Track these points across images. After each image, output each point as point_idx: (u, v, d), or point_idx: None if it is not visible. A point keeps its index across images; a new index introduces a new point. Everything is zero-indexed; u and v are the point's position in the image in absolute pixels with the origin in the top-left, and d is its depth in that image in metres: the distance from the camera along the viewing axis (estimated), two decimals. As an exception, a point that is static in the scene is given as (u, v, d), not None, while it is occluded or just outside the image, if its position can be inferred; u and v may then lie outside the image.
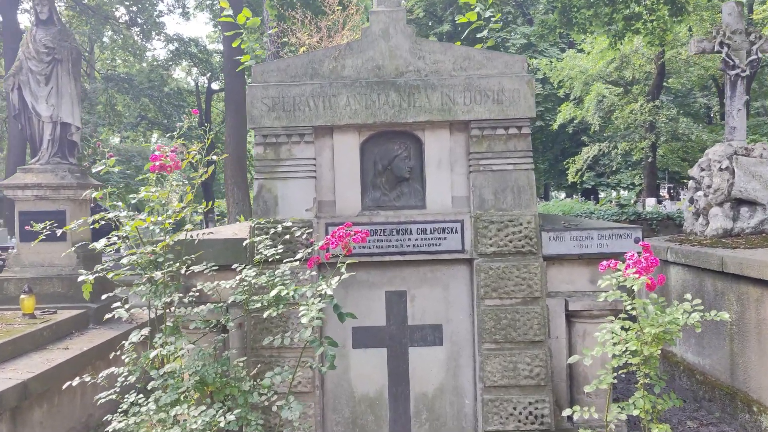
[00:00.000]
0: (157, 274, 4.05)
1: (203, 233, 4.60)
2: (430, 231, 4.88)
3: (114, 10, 30.66)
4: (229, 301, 4.07)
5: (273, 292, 3.87)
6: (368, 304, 5.01)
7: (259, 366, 4.66)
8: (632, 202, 22.08)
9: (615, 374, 3.80)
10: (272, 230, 4.38)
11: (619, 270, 3.71)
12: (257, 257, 4.21)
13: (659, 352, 3.77)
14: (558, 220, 5.24)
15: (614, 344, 3.72)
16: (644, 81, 28.06)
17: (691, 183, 7.61)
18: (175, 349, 3.98)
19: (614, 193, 36.44)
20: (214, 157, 4.56)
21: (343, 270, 3.79)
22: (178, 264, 4.15)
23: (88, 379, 4.02)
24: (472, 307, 4.97)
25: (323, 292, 3.70)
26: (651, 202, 25.52)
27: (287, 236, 4.59)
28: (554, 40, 29.43)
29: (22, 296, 6.60)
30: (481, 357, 4.83)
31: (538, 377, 4.80)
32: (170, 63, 36.21)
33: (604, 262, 3.75)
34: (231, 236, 5.01)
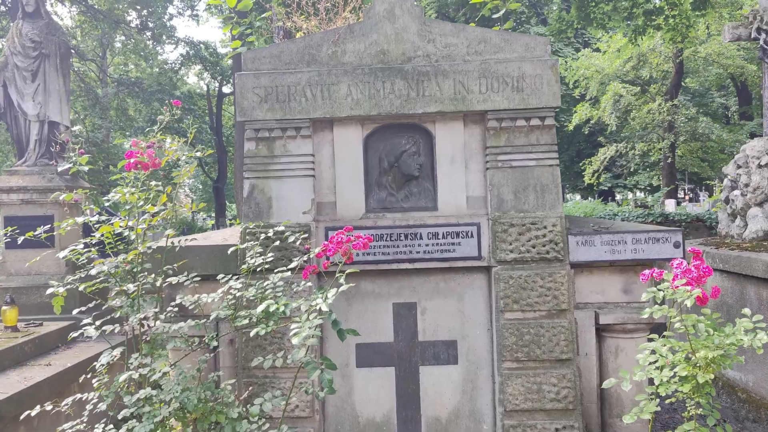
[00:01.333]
0: (130, 287, 3.54)
1: (187, 239, 4.10)
2: (442, 235, 4.34)
3: (127, 15, 30.43)
4: (212, 317, 3.56)
5: (260, 307, 3.34)
6: (374, 317, 4.48)
7: (251, 388, 4.14)
8: (660, 202, 21.36)
9: (659, 401, 3.23)
10: (262, 235, 3.86)
11: (665, 280, 3.15)
12: (244, 267, 3.69)
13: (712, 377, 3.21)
14: (586, 222, 4.69)
15: (658, 368, 3.16)
16: (662, 80, 27.39)
17: (726, 181, 7.01)
18: (151, 371, 3.48)
19: (630, 195, 35.69)
20: (198, 154, 4.06)
21: (341, 281, 3.28)
22: (154, 275, 3.64)
23: (49, 407, 3.51)
24: (491, 321, 4.42)
25: (318, 308, 3.17)
26: (670, 203, 24.78)
27: (279, 242, 4.06)
28: (570, 39, 28.83)
29: (4, 307, 6.13)
30: (501, 377, 4.28)
31: (565, 400, 4.24)
32: (180, 66, 35.94)
33: (646, 272, 3.19)
34: (221, 242, 4.50)
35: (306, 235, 3.91)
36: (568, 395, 4.24)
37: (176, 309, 3.69)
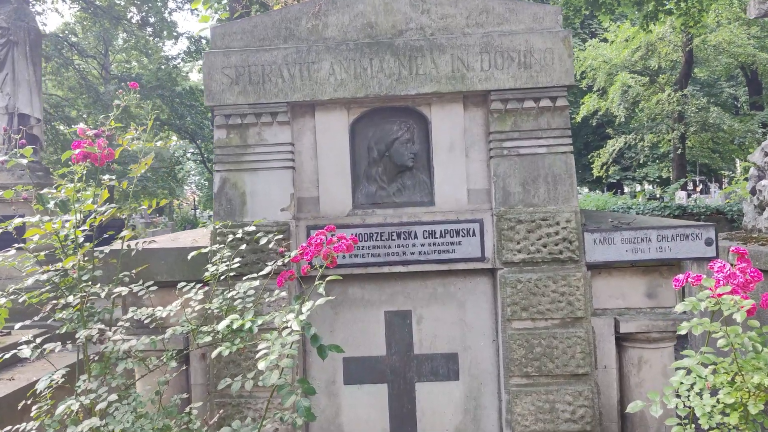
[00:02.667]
0: (71, 298, 3.02)
1: (146, 241, 3.57)
2: (440, 234, 3.81)
3: (129, 13, 29.94)
4: (167, 334, 3.03)
5: (223, 323, 2.82)
6: (363, 327, 3.95)
7: (221, 411, 3.62)
8: (686, 194, 20.73)
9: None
10: (230, 236, 3.33)
11: (704, 287, 2.61)
12: (207, 274, 3.17)
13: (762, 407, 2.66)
14: (603, 217, 4.14)
15: (698, 393, 2.62)
16: (671, 70, 26.75)
17: (752, 171, 6.45)
18: (97, 397, 2.96)
19: (638, 187, 34.99)
20: (159, 143, 3.53)
21: (321, 290, 2.76)
22: (100, 284, 3.12)
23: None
24: (496, 330, 3.89)
25: (290, 325, 2.65)
26: (681, 195, 24.16)
27: (253, 244, 3.53)
28: (576, 29, 28.18)
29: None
30: (509, 395, 3.74)
31: (582, 420, 3.71)
32: (181, 61, 35.45)
33: (680, 277, 2.65)
34: (189, 245, 3.97)
35: (281, 236, 3.38)
36: (585, 415, 3.71)
37: (127, 324, 3.16)
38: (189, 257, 3.34)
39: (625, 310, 3.93)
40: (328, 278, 2.81)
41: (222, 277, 3.14)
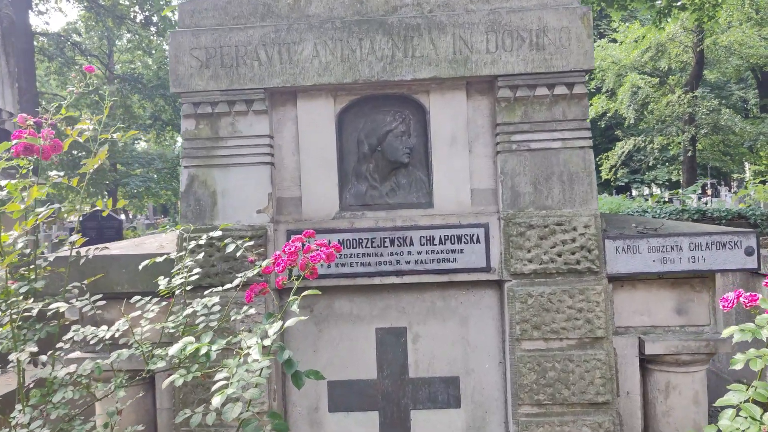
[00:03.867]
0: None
1: (98, 248, 3.10)
2: (439, 240, 3.32)
3: (133, 12, 29.57)
4: (111, 359, 2.55)
5: (175, 348, 2.34)
6: (351, 346, 3.47)
7: (184, 445, 3.14)
8: (697, 197, 20.18)
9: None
10: (192, 243, 2.85)
11: (760, 308, 2.14)
12: (161, 287, 2.69)
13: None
14: (626, 221, 3.64)
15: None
16: (681, 72, 26.24)
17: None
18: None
19: (647, 190, 34.40)
20: (115, 136, 3.06)
21: (295, 307, 2.29)
22: (33, 299, 2.65)
23: None
24: (503, 351, 3.40)
25: (251, 352, 2.19)
26: (693, 197, 23.59)
27: (221, 251, 3.05)
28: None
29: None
30: (518, 426, 3.25)
31: (602, 456, 3.21)
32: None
33: (729, 296, 2.17)
34: (154, 251, 3.50)
35: (258, 241, 2.88)
36: (605, 450, 3.21)
37: (67, 346, 2.68)
38: (140, 267, 2.85)
39: (650, 328, 3.44)
40: (304, 293, 2.34)
41: (190, 288, 2.67)
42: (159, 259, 2.76)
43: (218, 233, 2.78)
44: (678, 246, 3.28)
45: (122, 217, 30.98)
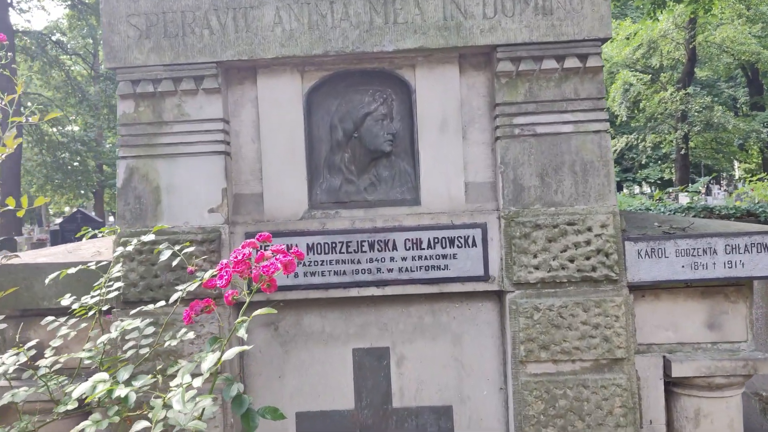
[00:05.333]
0: None
1: (8, 256, 2.55)
2: (428, 244, 2.77)
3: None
4: (4, 400, 1.99)
5: (79, 390, 1.80)
6: (324, 371, 2.91)
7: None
8: (674, 196, 19.75)
9: None
10: (120, 249, 2.29)
11: None
12: (75, 307, 2.13)
13: None
14: (647, 220, 3.11)
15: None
16: (672, 69, 25.95)
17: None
18: None
19: (637, 189, 34.02)
20: (30, 119, 2.50)
21: (242, 332, 1.76)
22: None
23: None
24: (505, 375, 2.86)
25: (171, 403, 1.65)
26: (684, 197, 23.19)
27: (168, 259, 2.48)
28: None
29: None
30: (523, 466, 2.71)
31: (623, 500, 2.68)
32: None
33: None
34: (89, 258, 2.93)
35: (192, 248, 2.32)
36: (627, 493, 2.68)
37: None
38: (47, 281, 2.28)
39: (677, 345, 2.91)
40: (256, 312, 1.81)
41: (123, 303, 2.11)
42: (71, 270, 2.19)
43: (151, 237, 2.22)
44: (712, 249, 2.76)
45: (111, 219, 30.21)
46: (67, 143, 23.09)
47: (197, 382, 1.71)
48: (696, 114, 23.63)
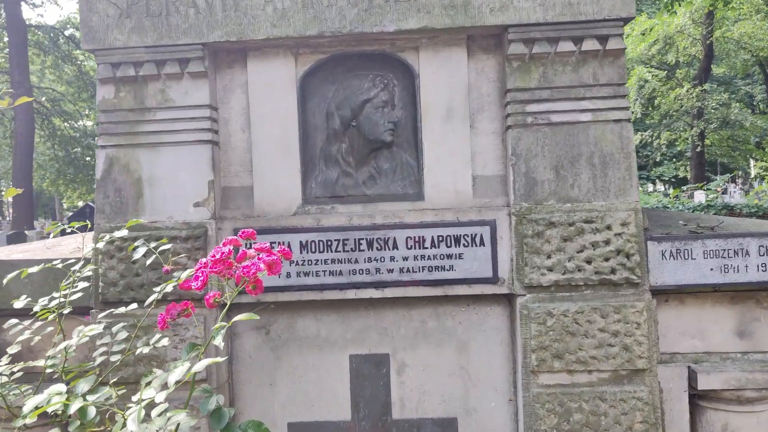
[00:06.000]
0: None
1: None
2: (431, 242, 2.55)
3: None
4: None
5: (30, 405, 1.59)
6: (319, 379, 2.70)
7: None
8: (689, 194, 19.40)
9: None
10: (88, 246, 2.08)
11: None
12: (37, 308, 1.93)
13: None
14: (670, 218, 2.87)
15: None
16: (687, 65, 25.54)
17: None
18: None
19: (651, 187, 33.61)
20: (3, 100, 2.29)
21: (219, 340, 1.56)
22: None
23: None
24: (514, 386, 2.63)
25: (131, 419, 1.44)
26: (700, 195, 22.82)
27: (146, 256, 2.27)
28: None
29: None
30: (533, 485, 2.48)
31: None
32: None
33: None
34: (68, 254, 2.73)
35: (170, 245, 2.11)
36: None
37: None
38: (5, 281, 2.08)
39: (703, 355, 2.67)
40: (236, 318, 1.61)
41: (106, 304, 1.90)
42: (33, 269, 1.99)
43: (124, 233, 2.00)
44: (744, 250, 2.51)
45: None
46: (79, 138, 23.05)
47: (160, 396, 1.51)
48: (713, 111, 23.28)
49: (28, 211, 16.87)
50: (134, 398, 1.51)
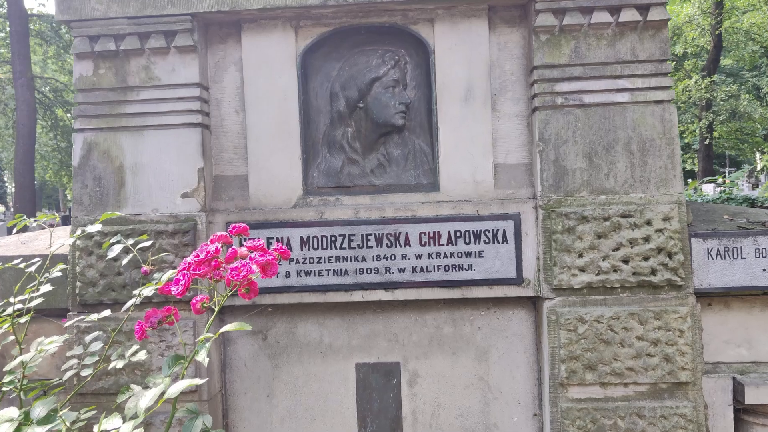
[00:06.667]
0: None
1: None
2: (448, 238, 2.27)
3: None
4: None
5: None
6: (321, 390, 2.43)
7: None
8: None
9: None
10: (58, 243, 1.81)
11: None
12: (2, 314, 1.66)
13: None
14: (714, 212, 2.58)
15: None
16: (695, 57, 25.22)
17: None
18: None
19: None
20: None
21: (202, 355, 1.32)
22: None
23: None
24: (540, 399, 2.35)
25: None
26: (708, 188, 22.51)
27: (128, 255, 2.00)
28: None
29: None
30: None
31: None
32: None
33: None
34: (43, 250, 2.46)
35: (150, 242, 1.83)
36: None
37: None
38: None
39: (751, 365, 2.39)
40: (224, 329, 1.33)
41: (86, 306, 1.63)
42: (7, 264, 1.72)
43: (97, 228, 1.73)
44: (801, 247, 2.23)
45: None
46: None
47: (126, 428, 1.24)
48: (721, 103, 22.98)
49: (31, 203, 16.64)
50: (95, 429, 1.24)
